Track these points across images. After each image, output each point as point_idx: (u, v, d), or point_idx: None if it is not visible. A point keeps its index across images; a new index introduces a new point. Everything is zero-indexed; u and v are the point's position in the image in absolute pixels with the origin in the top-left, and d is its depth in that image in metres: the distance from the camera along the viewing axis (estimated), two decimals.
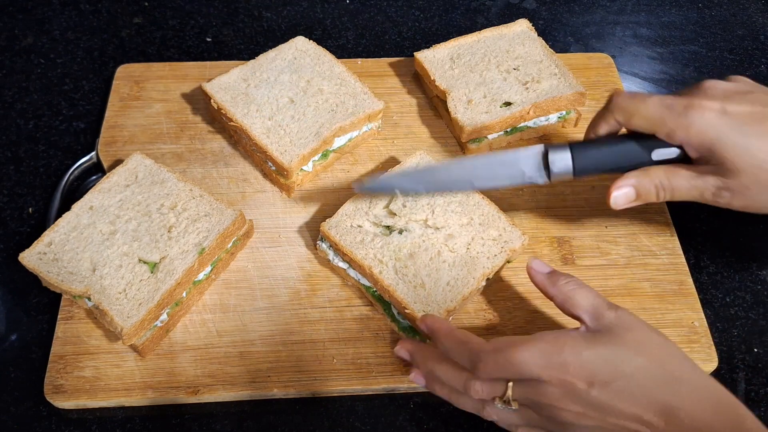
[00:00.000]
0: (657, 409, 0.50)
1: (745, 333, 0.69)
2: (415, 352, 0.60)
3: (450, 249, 0.66)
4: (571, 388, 0.51)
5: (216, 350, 0.65)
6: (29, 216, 0.75)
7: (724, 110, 0.56)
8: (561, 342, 0.52)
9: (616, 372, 0.51)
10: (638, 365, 0.51)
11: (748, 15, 1.01)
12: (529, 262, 0.61)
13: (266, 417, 0.63)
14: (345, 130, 0.76)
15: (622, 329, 0.53)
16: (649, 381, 0.51)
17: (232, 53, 0.92)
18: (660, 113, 0.58)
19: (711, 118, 0.55)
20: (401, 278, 0.64)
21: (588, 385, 0.51)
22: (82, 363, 0.63)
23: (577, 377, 0.51)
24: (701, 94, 0.58)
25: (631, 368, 0.51)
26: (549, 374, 0.51)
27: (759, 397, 0.66)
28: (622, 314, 0.54)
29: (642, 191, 0.60)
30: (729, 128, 0.55)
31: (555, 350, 0.52)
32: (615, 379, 0.50)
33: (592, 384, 0.50)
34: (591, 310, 0.55)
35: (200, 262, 0.65)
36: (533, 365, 0.51)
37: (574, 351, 0.51)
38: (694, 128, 0.56)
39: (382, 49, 0.93)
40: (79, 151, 0.80)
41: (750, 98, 0.57)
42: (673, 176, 0.58)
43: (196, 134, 0.80)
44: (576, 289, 0.57)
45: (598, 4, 1.02)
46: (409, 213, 0.68)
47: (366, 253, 0.65)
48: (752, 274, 0.74)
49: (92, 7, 0.97)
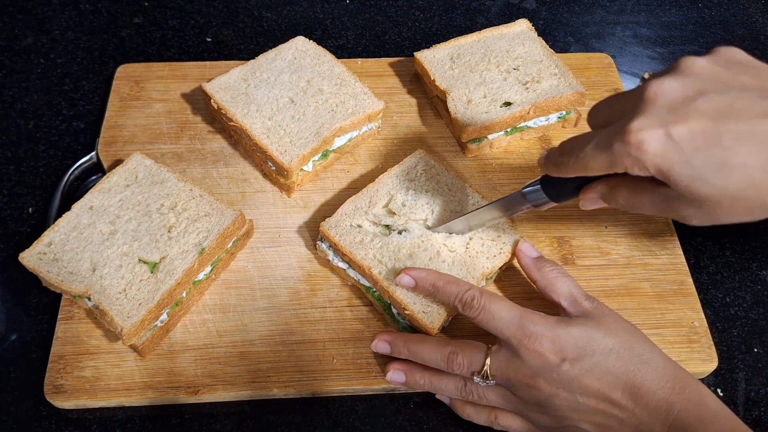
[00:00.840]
0: (624, 387, 0.54)
1: (745, 333, 0.70)
2: (395, 339, 0.62)
3: (449, 249, 0.66)
4: (543, 360, 0.55)
5: (216, 350, 0.65)
6: (29, 216, 0.75)
7: (668, 135, 0.46)
8: (537, 317, 0.57)
9: (586, 349, 0.55)
10: (608, 346, 0.55)
11: (748, 15, 1.01)
12: (519, 244, 0.66)
13: (266, 417, 0.63)
14: (345, 130, 0.76)
15: (596, 316, 0.58)
16: (617, 361, 0.55)
17: (232, 53, 0.92)
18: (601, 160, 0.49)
19: (656, 149, 0.46)
20: None
21: (560, 359, 0.55)
22: (82, 363, 0.63)
23: (549, 351, 0.55)
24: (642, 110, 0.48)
25: (601, 348, 0.55)
26: (523, 341, 0.55)
27: (759, 397, 0.66)
28: (598, 304, 0.60)
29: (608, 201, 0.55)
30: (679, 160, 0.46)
31: (530, 320, 0.56)
32: (585, 356, 0.55)
33: (564, 359, 0.55)
34: (569, 297, 0.61)
35: (200, 262, 0.65)
36: (508, 322, 0.56)
37: (548, 327, 0.56)
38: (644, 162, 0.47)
39: (382, 49, 0.93)
40: (79, 151, 0.80)
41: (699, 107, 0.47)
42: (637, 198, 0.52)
43: (196, 134, 0.80)
44: (558, 277, 0.62)
45: (598, 4, 1.02)
46: (409, 212, 0.68)
47: (365, 254, 0.65)
48: (752, 274, 0.74)
49: (92, 7, 0.97)
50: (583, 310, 0.59)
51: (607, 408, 0.54)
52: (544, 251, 0.72)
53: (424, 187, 0.71)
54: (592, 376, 0.54)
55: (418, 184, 0.71)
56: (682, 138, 0.46)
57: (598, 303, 0.60)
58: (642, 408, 0.53)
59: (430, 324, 0.61)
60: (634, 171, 0.48)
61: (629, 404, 0.54)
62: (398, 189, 0.70)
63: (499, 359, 0.57)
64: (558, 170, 0.54)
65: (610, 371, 0.54)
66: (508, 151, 0.80)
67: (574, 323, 0.57)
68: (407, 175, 0.72)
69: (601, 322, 0.57)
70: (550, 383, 0.55)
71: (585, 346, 0.55)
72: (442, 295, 0.60)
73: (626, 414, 0.54)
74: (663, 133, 0.46)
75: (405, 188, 0.71)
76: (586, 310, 0.59)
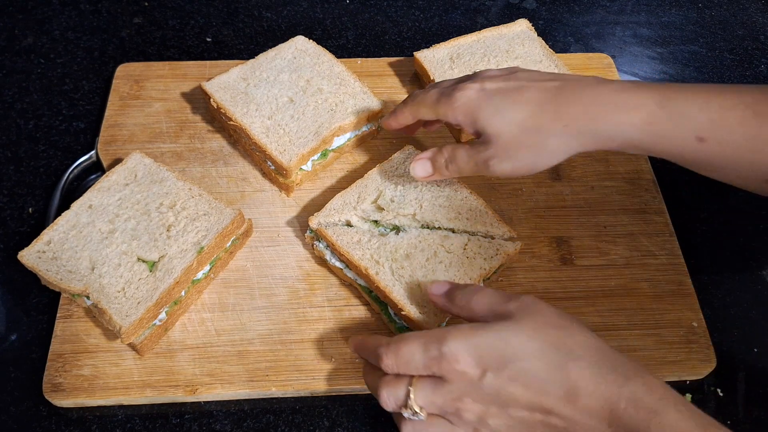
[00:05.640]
0: (557, 392, 0.48)
1: (745, 333, 0.69)
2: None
3: (447, 250, 0.66)
4: (465, 378, 0.50)
5: (214, 349, 0.65)
6: (29, 216, 0.75)
7: (482, 88, 0.61)
8: (444, 332, 0.51)
9: (507, 356, 0.49)
10: (533, 349, 0.50)
11: (748, 15, 1.01)
12: (429, 288, 0.60)
13: (266, 417, 0.63)
14: (344, 130, 0.76)
15: (519, 317, 0.52)
16: (543, 363, 0.49)
17: (232, 53, 0.92)
18: (435, 100, 0.63)
19: (471, 96, 0.61)
20: (397, 279, 0.64)
21: (481, 372, 0.49)
22: (81, 361, 0.64)
23: (468, 365, 0.50)
24: (471, 78, 0.63)
25: (524, 351, 0.49)
26: (441, 366, 0.50)
27: (759, 397, 0.65)
28: (524, 301, 0.53)
29: (436, 165, 0.65)
30: (485, 102, 0.60)
31: (437, 340, 0.51)
32: (507, 364, 0.49)
33: (485, 371, 0.49)
34: (487, 310, 0.54)
35: (199, 261, 0.65)
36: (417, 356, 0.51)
37: (459, 339, 0.50)
38: (459, 107, 0.61)
39: (382, 49, 0.93)
40: (78, 151, 0.80)
41: (510, 77, 0.62)
42: (456, 152, 0.63)
43: (196, 133, 0.80)
44: (471, 297, 0.56)
45: (598, 4, 1.02)
46: (397, 208, 0.68)
47: (362, 254, 0.65)
48: (752, 274, 0.74)
49: (92, 7, 0.97)
50: (506, 314, 0.53)
51: (544, 418, 0.49)
52: (544, 251, 0.72)
53: (413, 183, 0.70)
54: (519, 385, 0.49)
55: (407, 179, 0.71)
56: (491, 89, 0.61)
57: (521, 302, 0.53)
58: (581, 411, 0.48)
59: (426, 325, 0.61)
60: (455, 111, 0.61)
61: (566, 410, 0.48)
62: (387, 184, 0.70)
63: (425, 389, 0.51)
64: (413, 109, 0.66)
65: (538, 375, 0.49)
66: None
67: (492, 328, 0.51)
68: (396, 170, 0.72)
69: (523, 322, 0.51)
70: (478, 401, 0.50)
71: (505, 351, 0.49)
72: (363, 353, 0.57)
73: (566, 422, 0.48)
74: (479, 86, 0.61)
75: (394, 184, 0.71)
76: (509, 312, 0.53)
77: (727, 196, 0.79)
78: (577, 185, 0.77)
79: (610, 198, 0.76)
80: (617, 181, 0.78)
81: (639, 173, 0.79)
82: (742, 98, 0.55)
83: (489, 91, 0.61)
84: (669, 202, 0.77)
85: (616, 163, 0.79)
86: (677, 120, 0.55)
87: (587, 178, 0.78)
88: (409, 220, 0.68)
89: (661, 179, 0.78)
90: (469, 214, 0.69)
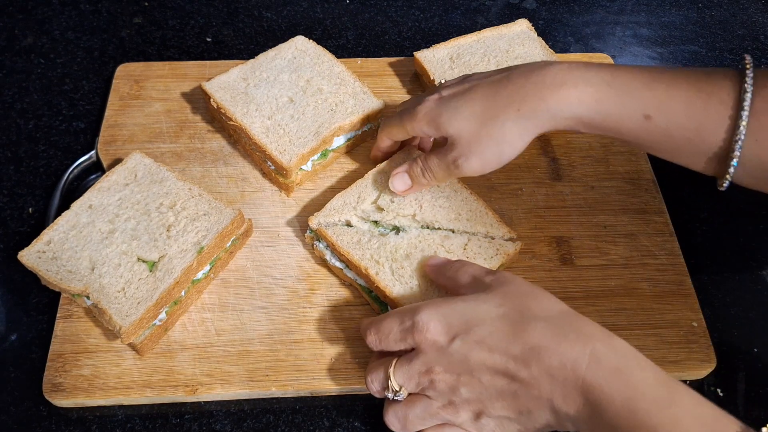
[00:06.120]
0: (517, 355, 0.49)
1: (745, 333, 0.69)
2: None
3: (447, 250, 0.66)
4: (436, 346, 0.52)
5: (214, 349, 0.65)
6: (29, 216, 0.75)
7: (440, 97, 0.64)
8: (419, 305, 0.54)
9: (473, 322, 0.51)
10: (498, 312, 0.52)
11: (748, 15, 1.01)
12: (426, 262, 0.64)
13: (266, 417, 0.63)
14: (344, 130, 0.76)
15: (493, 287, 0.55)
16: (507, 326, 0.51)
17: (232, 53, 0.92)
18: (400, 119, 0.67)
19: (431, 106, 0.64)
20: (397, 279, 0.64)
21: (450, 338, 0.52)
22: (81, 361, 0.64)
23: (437, 333, 0.52)
24: (429, 92, 0.67)
25: (490, 316, 0.51)
26: (415, 337, 0.53)
27: (759, 397, 0.65)
28: (499, 276, 0.56)
29: (413, 176, 0.67)
30: (443, 107, 0.63)
31: (411, 312, 0.54)
32: (473, 328, 0.51)
33: (454, 337, 0.51)
34: (471, 282, 0.58)
35: (199, 261, 0.65)
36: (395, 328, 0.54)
37: (431, 309, 0.53)
38: (421, 118, 0.64)
39: (382, 49, 0.93)
40: (78, 151, 0.80)
41: (463, 82, 0.65)
42: (428, 160, 0.66)
43: (196, 133, 0.80)
44: (458, 270, 0.59)
45: (598, 4, 1.02)
46: (397, 208, 0.68)
47: (362, 254, 0.65)
48: (752, 274, 0.74)
49: (92, 7, 0.97)
50: (484, 286, 0.56)
51: (507, 385, 0.50)
52: (543, 251, 0.72)
53: None
54: (484, 348, 0.50)
55: None
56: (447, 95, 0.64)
57: (499, 275, 0.56)
58: (543, 371, 0.48)
59: None
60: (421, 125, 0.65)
61: (528, 372, 0.48)
62: (387, 185, 0.70)
63: (402, 366, 0.54)
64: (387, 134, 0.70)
65: (502, 338, 0.50)
66: None
67: (464, 299, 0.54)
68: None
69: (496, 291, 0.54)
70: (449, 370, 0.51)
71: (472, 317, 0.51)
72: None
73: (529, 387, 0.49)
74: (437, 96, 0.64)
75: None
76: (486, 284, 0.55)
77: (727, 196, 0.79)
78: (577, 185, 0.77)
79: (610, 198, 0.76)
80: (617, 181, 0.78)
81: (639, 173, 0.79)
82: (688, 79, 0.56)
83: (446, 98, 0.64)
84: (669, 202, 0.77)
85: (616, 163, 0.79)
86: (624, 97, 0.56)
87: (587, 178, 0.78)
88: (408, 221, 0.68)
89: (661, 179, 0.78)
90: (469, 215, 0.69)
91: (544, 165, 0.79)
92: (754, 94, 0.53)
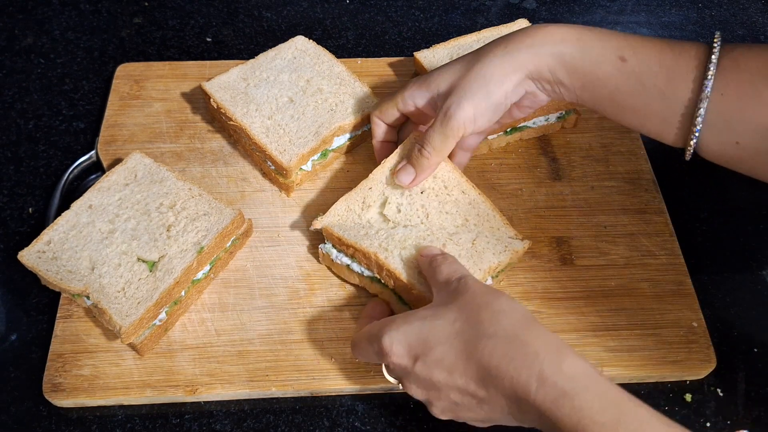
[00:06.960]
0: (474, 375, 0.48)
1: (745, 333, 0.69)
2: None
3: (455, 243, 0.65)
4: (401, 368, 0.52)
5: (214, 349, 0.65)
6: (29, 216, 0.75)
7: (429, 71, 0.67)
8: (382, 325, 0.53)
9: (429, 341, 0.50)
10: (454, 330, 0.50)
11: (748, 15, 1.01)
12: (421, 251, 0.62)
13: (266, 417, 0.63)
14: (344, 130, 0.76)
15: (454, 297, 0.53)
16: (461, 345, 0.49)
17: (232, 53, 0.92)
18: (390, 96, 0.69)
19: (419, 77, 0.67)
20: (406, 264, 0.63)
21: (413, 360, 0.51)
22: (81, 361, 0.64)
23: (400, 357, 0.51)
24: None
25: (445, 334, 0.50)
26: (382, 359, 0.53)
27: (759, 397, 0.65)
28: (464, 282, 0.54)
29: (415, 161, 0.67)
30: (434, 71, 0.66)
31: (377, 334, 0.53)
32: (430, 349, 0.50)
33: (415, 360, 0.51)
34: (442, 284, 0.56)
35: (199, 261, 0.65)
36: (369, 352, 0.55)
37: (392, 331, 0.52)
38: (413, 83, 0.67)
39: (382, 49, 0.93)
40: (78, 151, 0.80)
41: None
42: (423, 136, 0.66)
43: (196, 133, 0.80)
44: (437, 268, 0.58)
45: (598, 4, 1.02)
46: (404, 219, 0.67)
47: (371, 243, 0.64)
48: (752, 274, 0.74)
49: (92, 7, 0.97)
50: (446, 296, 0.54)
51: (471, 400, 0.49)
52: (543, 251, 0.72)
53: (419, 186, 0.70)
54: (443, 369, 0.49)
55: None
56: None
57: (463, 281, 0.54)
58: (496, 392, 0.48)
59: None
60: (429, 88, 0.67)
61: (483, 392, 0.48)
62: (392, 190, 0.69)
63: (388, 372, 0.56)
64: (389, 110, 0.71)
65: (459, 357, 0.49)
66: (508, 151, 0.80)
67: (418, 314, 0.53)
68: None
69: (453, 304, 0.52)
70: (420, 386, 0.52)
71: (429, 336, 0.50)
72: None
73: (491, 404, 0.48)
74: None
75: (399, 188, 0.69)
76: (451, 291, 0.54)
77: (727, 196, 0.79)
78: (577, 185, 0.77)
79: (610, 198, 0.76)
80: (617, 181, 0.78)
81: (639, 173, 0.79)
82: (660, 38, 0.60)
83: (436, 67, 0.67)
84: (669, 202, 0.77)
85: (616, 163, 0.79)
86: (602, 38, 0.60)
87: (587, 178, 0.78)
88: None
89: (661, 179, 0.78)
90: (477, 220, 0.67)
91: (544, 165, 0.79)
92: (721, 54, 0.55)
